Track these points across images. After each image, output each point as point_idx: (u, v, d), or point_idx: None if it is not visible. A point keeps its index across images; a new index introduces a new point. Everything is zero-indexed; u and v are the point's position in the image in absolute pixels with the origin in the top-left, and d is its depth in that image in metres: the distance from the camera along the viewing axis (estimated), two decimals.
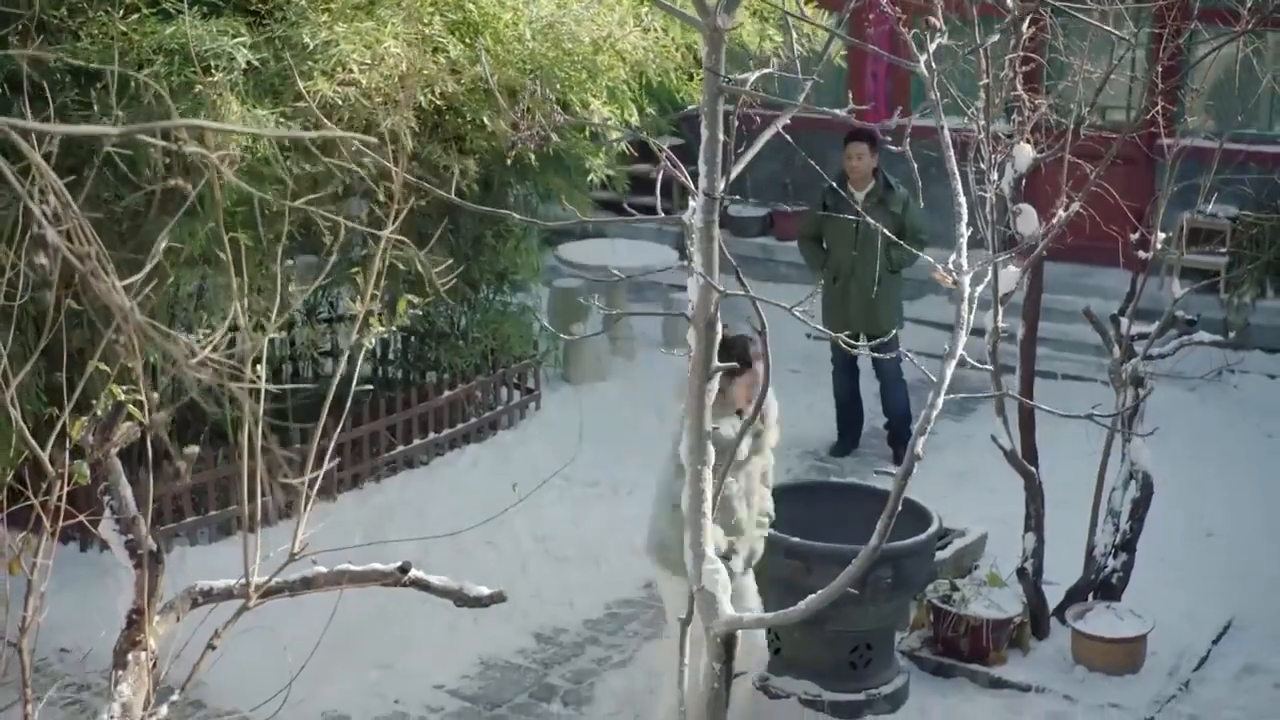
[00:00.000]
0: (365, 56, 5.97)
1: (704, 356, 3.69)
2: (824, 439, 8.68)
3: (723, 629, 3.66)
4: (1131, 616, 5.81)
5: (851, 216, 8.07)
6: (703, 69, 3.58)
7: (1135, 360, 5.91)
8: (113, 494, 2.76)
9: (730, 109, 3.70)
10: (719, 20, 3.49)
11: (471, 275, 8.50)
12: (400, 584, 2.81)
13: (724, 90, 3.58)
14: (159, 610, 2.80)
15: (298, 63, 5.98)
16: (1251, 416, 8.77)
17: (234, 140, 5.83)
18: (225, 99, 5.77)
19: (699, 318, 3.69)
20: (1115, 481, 6.08)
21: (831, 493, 6.13)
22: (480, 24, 6.46)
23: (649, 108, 7.34)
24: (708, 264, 3.64)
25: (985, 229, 5.38)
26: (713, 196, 3.60)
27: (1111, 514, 6.02)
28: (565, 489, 7.88)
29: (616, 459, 8.13)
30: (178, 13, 5.86)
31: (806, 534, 5.48)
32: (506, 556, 6.94)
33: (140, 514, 2.76)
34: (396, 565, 2.83)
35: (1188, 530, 7.14)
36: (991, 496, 7.22)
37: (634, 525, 7.48)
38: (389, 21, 6.10)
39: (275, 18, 6.10)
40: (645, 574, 7.03)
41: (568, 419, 8.86)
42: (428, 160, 6.64)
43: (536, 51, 6.38)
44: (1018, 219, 6.00)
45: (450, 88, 6.18)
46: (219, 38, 5.78)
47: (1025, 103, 5.81)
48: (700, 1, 3.51)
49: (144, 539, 2.73)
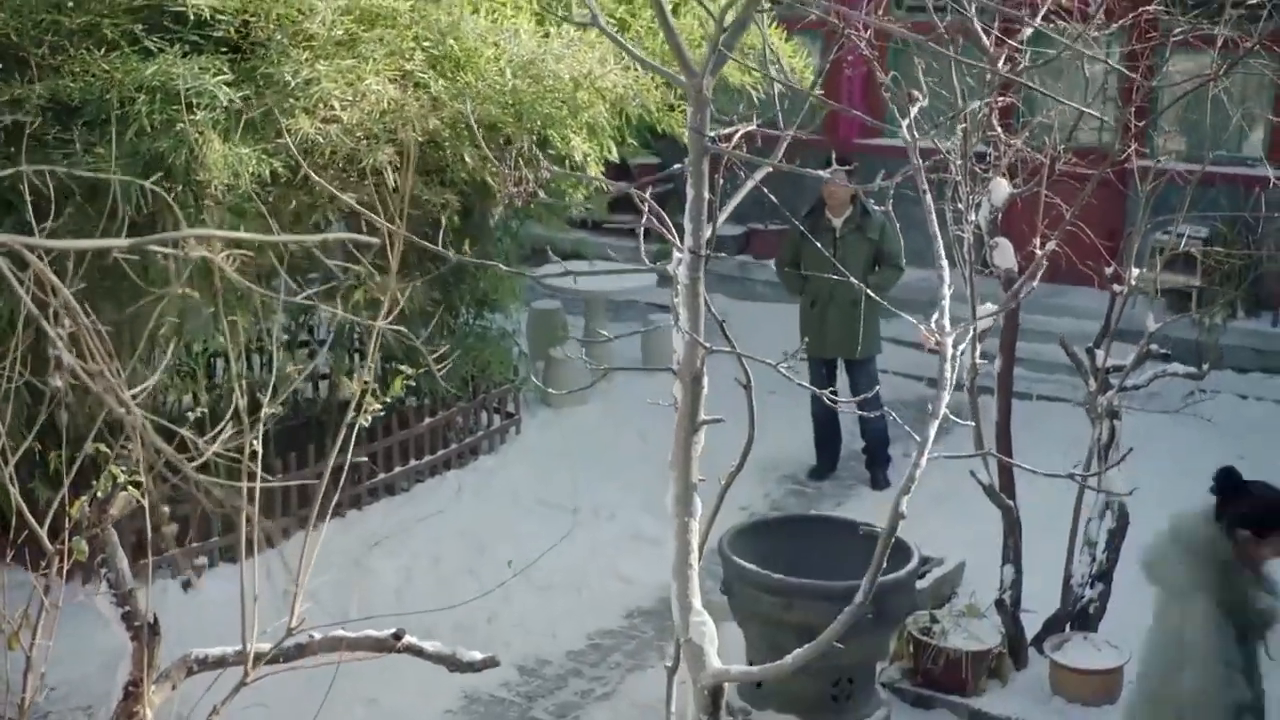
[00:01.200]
0: (347, 94, 5.99)
1: (690, 410, 3.73)
2: (802, 462, 8.75)
3: (710, 681, 3.70)
4: (1108, 647, 5.88)
5: (829, 241, 8.16)
6: (688, 129, 3.63)
7: (1111, 393, 5.99)
8: (109, 566, 2.79)
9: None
10: (704, 81, 3.54)
11: (451, 301, 8.54)
12: (395, 651, 2.83)
13: (709, 150, 3.63)
14: (155, 680, 2.83)
15: (279, 100, 6.00)
16: (1224, 438, 8.85)
17: (215, 177, 5.87)
18: (207, 137, 5.78)
19: (685, 372, 3.73)
20: (1091, 511, 6.15)
21: (812, 526, 6.18)
22: (462, 59, 6.49)
23: (629, 138, 7.38)
24: (693, 319, 3.68)
25: (963, 267, 5.46)
26: (698, 254, 3.65)
27: (1088, 544, 6.10)
28: (546, 515, 7.93)
29: (597, 483, 8.18)
30: (159, 51, 5.89)
31: (787, 567, 5.53)
32: (488, 586, 6.94)
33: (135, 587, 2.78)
34: (390, 632, 2.86)
35: None
36: (969, 519, 7.29)
37: (615, 550, 7.55)
38: (370, 58, 6.12)
39: (257, 54, 6.11)
40: (627, 603, 7.09)
41: (548, 443, 8.92)
42: (410, 195, 6.66)
43: (518, 88, 6.41)
44: (994, 252, 6.08)
45: (432, 124, 6.21)
46: (201, 76, 5.79)
47: (1001, 139, 5.91)
48: (685, 61, 3.56)
49: (141, 611, 2.75)
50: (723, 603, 5.64)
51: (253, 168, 5.87)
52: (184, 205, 6.08)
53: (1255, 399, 9.70)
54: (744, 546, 5.69)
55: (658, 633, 6.69)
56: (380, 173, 6.29)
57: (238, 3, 6.04)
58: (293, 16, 6.04)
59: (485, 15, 6.54)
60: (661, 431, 9.70)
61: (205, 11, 5.85)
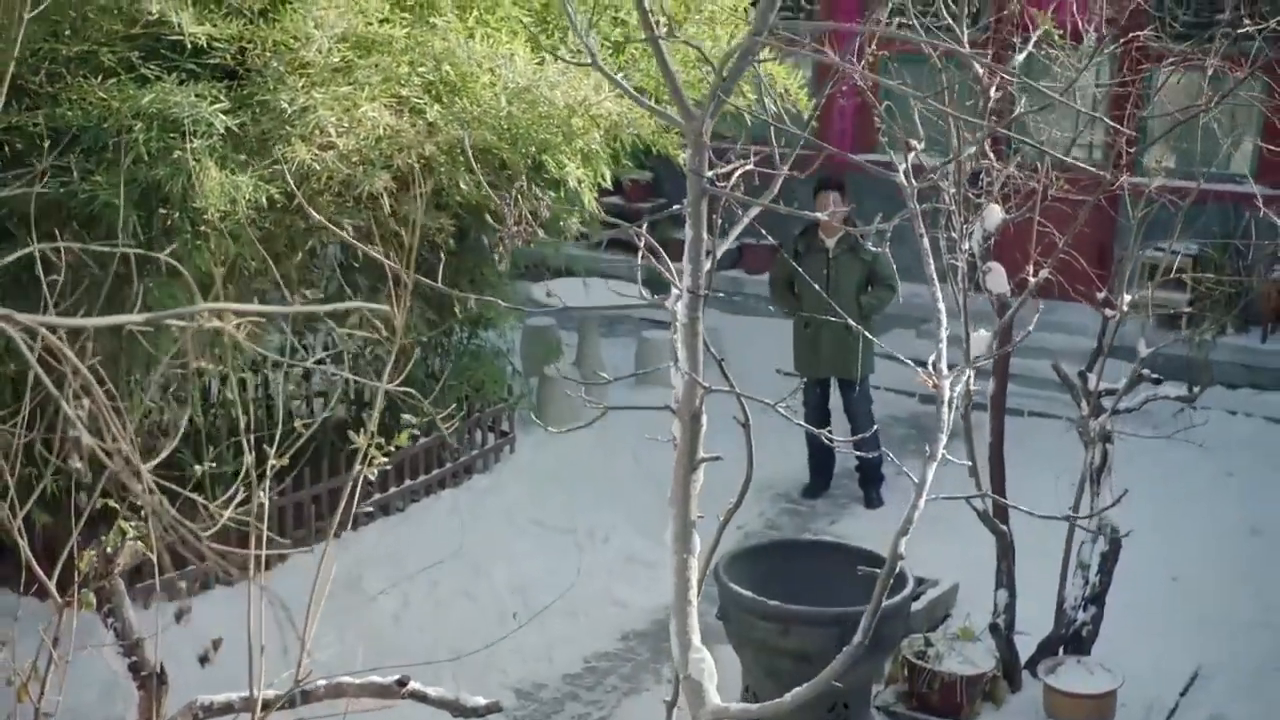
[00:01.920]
0: (343, 120, 6.01)
1: (689, 449, 3.76)
2: (796, 480, 8.78)
3: (709, 718, 3.73)
4: (1101, 671, 5.93)
5: (822, 263, 8.21)
6: (687, 170, 3.66)
7: (1104, 416, 6.03)
8: (116, 616, 2.81)
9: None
10: (703, 125, 3.57)
11: (446, 319, 8.56)
12: (399, 697, 2.86)
13: (708, 192, 3.66)
14: None
15: (275, 127, 6.03)
16: (1214, 455, 8.90)
17: (212, 204, 5.88)
18: (204, 164, 5.80)
19: (684, 410, 3.76)
20: (1084, 535, 6.20)
21: (807, 549, 6.22)
22: (458, 84, 6.51)
23: (624, 159, 7.42)
24: (692, 359, 3.71)
25: (958, 294, 5.49)
26: (696, 294, 3.68)
27: (1081, 567, 6.14)
28: (541, 536, 7.96)
29: (591, 503, 8.20)
30: (156, 78, 5.91)
31: (783, 591, 5.56)
32: (485, 608, 6.99)
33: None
34: (394, 679, 2.89)
35: (1153, 575, 7.26)
36: (963, 540, 7.30)
37: (610, 574, 7.57)
38: (366, 84, 6.14)
39: (253, 81, 6.13)
40: (622, 625, 7.12)
41: (542, 462, 8.94)
42: (404, 218, 6.69)
43: (513, 114, 6.44)
44: (987, 278, 6.12)
45: (428, 150, 6.23)
46: (198, 104, 5.81)
47: (993, 166, 5.96)
48: (684, 106, 3.59)
49: (148, 661, 2.78)
50: (718, 625, 5.68)
51: (249, 194, 5.89)
52: (180, 231, 6.10)
53: (1244, 415, 9.76)
54: (740, 571, 5.72)
55: (653, 655, 6.72)
56: (377, 198, 6.32)
57: (234, 30, 6.06)
58: (289, 44, 6.07)
59: (481, 41, 6.56)
60: (655, 451, 9.73)
61: (202, 40, 5.87)
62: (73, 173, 5.77)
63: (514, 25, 6.87)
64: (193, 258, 6.18)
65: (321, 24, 5.93)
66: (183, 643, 5.57)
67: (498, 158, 6.79)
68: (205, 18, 5.94)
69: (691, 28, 7.56)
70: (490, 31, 6.69)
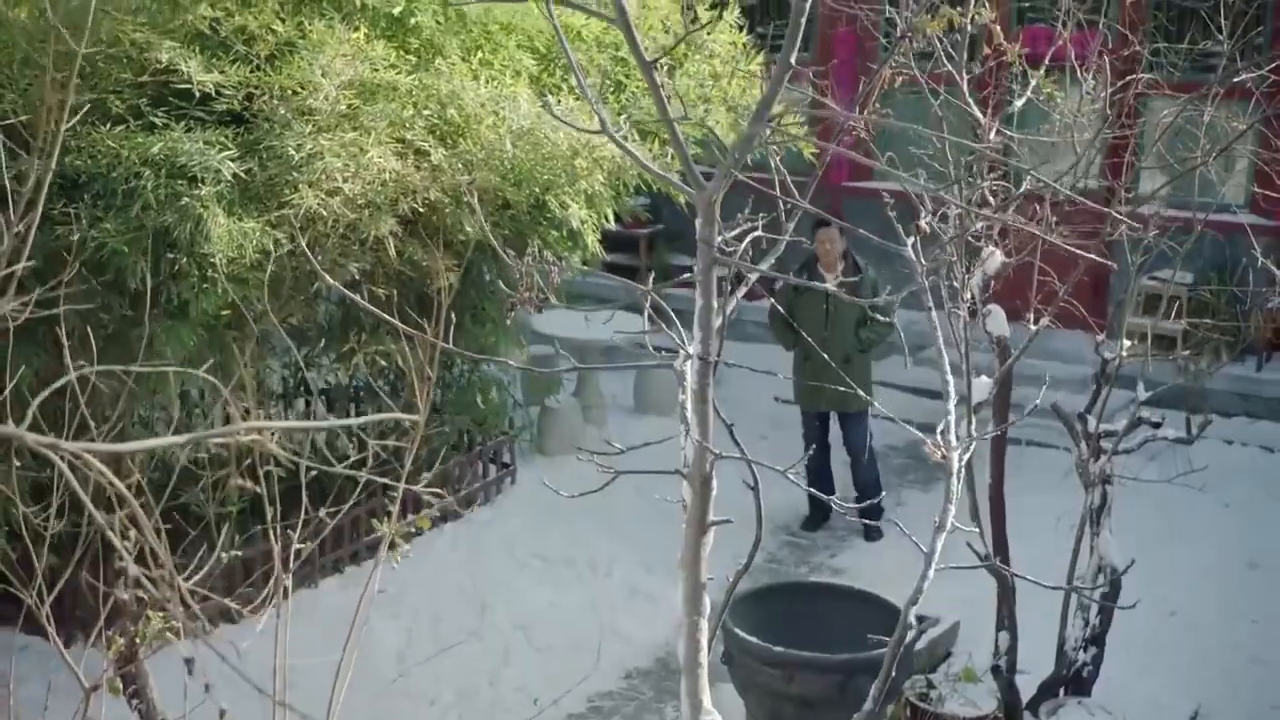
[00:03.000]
0: (349, 166, 6.06)
1: (699, 514, 3.81)
2: (794, 511, 8.83)
3: None
4: (1103, 712, 5.98)
5: (821, 297, 8.27)
6: (697, 238, 3.72)
7: (1104, 459, 6.09)
8: (141, 697, 2.85)
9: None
10: (712, 194, 3.63)
11: (447, 354, 8.61)
12: None
13: (717, 261, 3.72)
14: None
15: (282, 173, 6.08)
16: (1209, 486, 8.95)
17: (220, 251, 5.93)
18: (212, 211, 5.85)
19: (695, 475, 3.82)
20: (1084, 575, 6.25)
21: (812, 592, 6.27)
22: (462, 125, 6.57)
23: (626, 197, 7.48)
24: (702, 426, 3.77)
25: (959, 344, 5.55)
26: (707, 360, 3.74)
27: (1081, 608, 6.19)
28: (543, 570, 8.00)
29: (593, 536, 8.24)
30: (165, 126, 5.96)
31: (787, 633, 5.61)
32: (489, 647, 7.03)
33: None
34: None
35: (1151, 610, 7.26)
36: (963, 575, 7.35)
37: (613, 608, 7.61)
38: (372, 129, 6.19)
39: (260, 126, 6.18)
40: (625, 662, 7.15)
41: (543, 493, 8.95)
42: (409, 259, 6.74)
43: (517, 156, 6.49)
44: (987, 320, 6.19)
45: (434, 195, 6.29)
46: (206, 152, 5.86)
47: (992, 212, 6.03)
48: (695, 177, 3.64)
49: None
50: (721, 664, 5.73)
51: (256, 240, 5.95)
52: (187, 275, 6.15)
53: (1240, 444, 9.82)
54: (744, 613, 5.78)
55: (656, 694, 6.76)
56: (382, 240, 6.37)
57: (241, 76, 6.11)
58: (296, 89, 6.12)
59: (485, 83, 6.62)
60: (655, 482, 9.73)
61: (210, 88, 5.93)
62: (81, 219, 5.82)
63: (518, 67, 6.93)
64: (199, 301, 6.24)
65: (329, 72, 5.98)
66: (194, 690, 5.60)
67: (501, 198, 6.85)
68: (213, 65, 5.99)
69: (691, 65, 7.64)
70: (494, 74, 6.76)
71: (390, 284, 6.96)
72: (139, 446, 1.82)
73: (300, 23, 6.22)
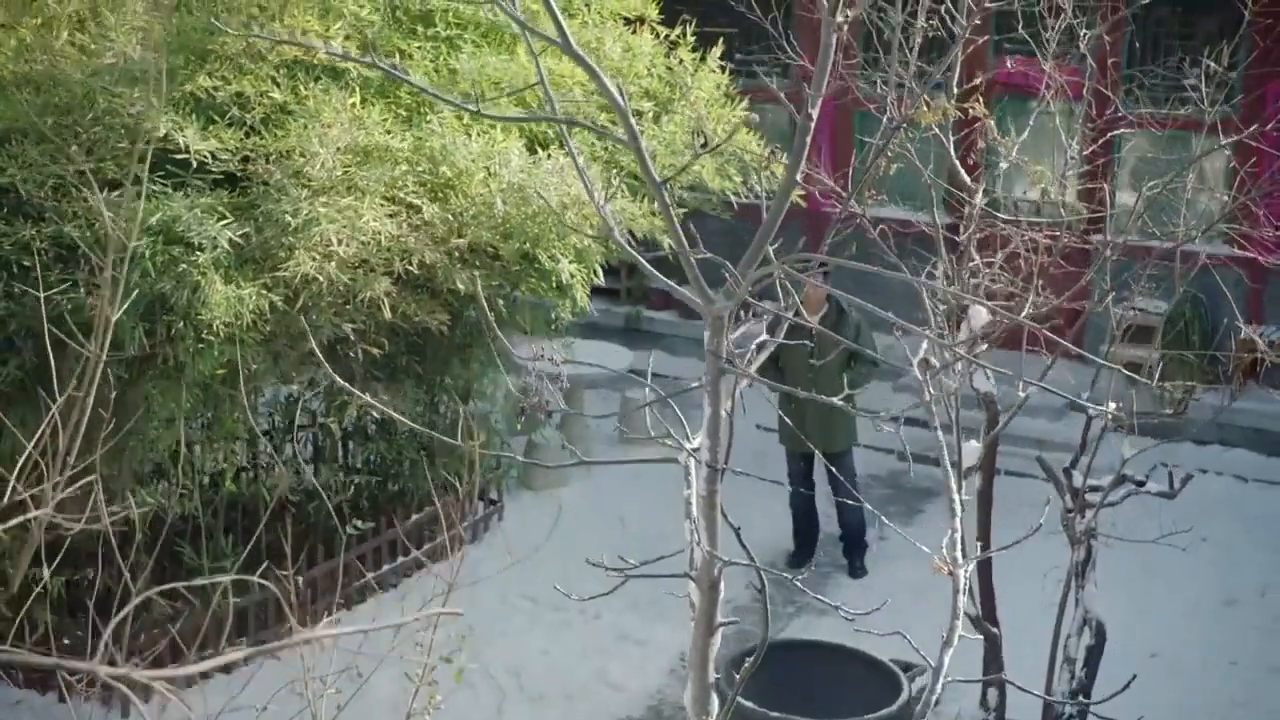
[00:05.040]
0: (345, 230, 6.11)
1: (707, 616, 3.90)
2: (780, 549, 8.91)
3: None
4: None
5: (806, 340, 8.35)
6: (705, 350, 3.80)
7: (1090, 515, 6.22)
8: None
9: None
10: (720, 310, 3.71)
11: (434, 394, 8.67)
12: None
13: (725, 371, 3.80)
14: None
15: (278, 237, 6.12)
16: (1187, 518, 9.10)
17: (217, 316, 5.97)
18: (209, 277, 5.90)
19: (703, 579, 3.90)
20: (1070, 628, 6.37)
21: (811, 653, 6.38)
22: (454, 181, 6.62)
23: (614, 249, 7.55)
24: (710, 531, 3.85)
25: (950, 407, 5.65)
26: (715, 468, 3.82)
27: (1067, 661, 6.32)
28: (534, 613, 8.07)
29: (581, 574, 8.28)
30: (162, 192, 5.99)
31: (787, 693, 5.72)
32: (482, 697, 7.10)
33: None
34: None
35: (1132, 652, 7.43)
36: (948, 610, 7.48)
37: (603, 654, 7.69)
38: (368, 193, 6.24)
39: (256, 190, 6.23)
40: (616, 711, 7.24)
41: (531, 530, 9.04)
42: (403, 314, 6.79)
43: (508, 213, 6.55)
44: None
45: (428, 257, 6.34)
46: (203, 220, 5.90)
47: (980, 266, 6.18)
48: (704, 291, 3.72)
49: None
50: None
51: (252, 304, 5.99)
52: (184, 338, 6.20)
53: (1215, 473, 9.95)
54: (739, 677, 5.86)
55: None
56: (377, 299, 6.42)
57: (236, 141, 6.15)
58: (292, 154, 6.16)
59: (476, 138, 6.67)
60: (640, 516, 9.76)
61: (207, 157, 5.97)
62: (78, 286, 5.86)
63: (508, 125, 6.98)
64: (195, 363, 6.29)
65: (325, 140, 6.02)
66: None
67: (492, 250, 6.91)
68: (210, 133, 6.03)
69: (678, 113, 7.70)
70: (486, 129, 6.80)
71: (382, 333, 7.02)
72: (205, 667, 1.88)
73: (295, 87, 6.26)
